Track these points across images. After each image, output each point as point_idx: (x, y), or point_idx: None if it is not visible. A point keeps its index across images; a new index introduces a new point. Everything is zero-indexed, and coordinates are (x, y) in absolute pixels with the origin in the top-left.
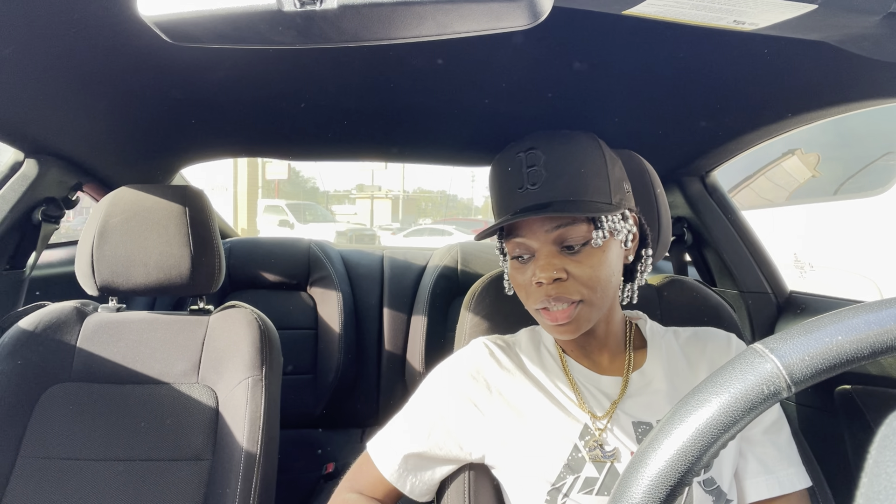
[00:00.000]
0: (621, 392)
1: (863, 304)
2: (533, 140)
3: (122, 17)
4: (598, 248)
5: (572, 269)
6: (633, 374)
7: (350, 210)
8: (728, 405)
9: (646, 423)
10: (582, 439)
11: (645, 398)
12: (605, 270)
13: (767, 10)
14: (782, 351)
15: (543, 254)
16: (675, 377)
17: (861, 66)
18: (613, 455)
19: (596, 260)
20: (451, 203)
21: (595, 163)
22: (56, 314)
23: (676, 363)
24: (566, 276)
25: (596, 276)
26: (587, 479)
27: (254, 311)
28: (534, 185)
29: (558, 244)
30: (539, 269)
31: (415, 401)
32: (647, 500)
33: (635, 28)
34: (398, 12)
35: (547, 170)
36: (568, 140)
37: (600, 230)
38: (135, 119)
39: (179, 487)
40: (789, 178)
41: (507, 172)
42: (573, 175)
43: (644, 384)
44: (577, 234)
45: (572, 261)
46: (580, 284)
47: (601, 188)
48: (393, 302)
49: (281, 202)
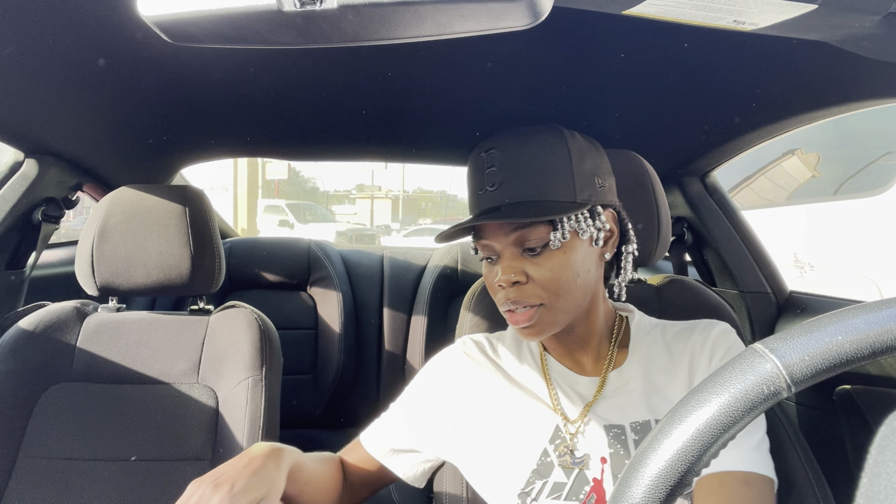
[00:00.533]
0: (596, 393)
1: (863, 304)
2: (494, 139)
3: (122, 17)
4: (559, 249)
5: (532, 271)
6: (612, 373)
7: (350, 210)
8: (728, 405)
9: (618, 426)
10: (552, 443)
11: (619, 399)
12: (567, 272)
13: (767, 10)
14: (782, 351)
15: (505, 256)
16: (654, 373)
17: (861, 66)
18: (582, 462)
19: (557, 262)
20: (451, 203)
21: (557, 159)
22: (56, 314)
23: (657, 359)
24: (526, 279)
25: (556, 278)
26: (556, 483)
27: (254, 311)
28: (492, 187)
29: (519, 246)
30: (500, 271)
31: (403, 394)
32: (647, 500)
33: (635, 28)
34: (398, 12)
35: (504, 171)
36: (528, 137)
37: (559, 231)
38: (135, 119)
39: (179, 487)
40: (789, 178)
41: (471, 173)
42: (530, 175)
43: (621, 384)
44: (536, 235)
45: (533, 263)
46: (540, 287)
47: (563, 186)
48: (393, 302)
49: (281, 202)
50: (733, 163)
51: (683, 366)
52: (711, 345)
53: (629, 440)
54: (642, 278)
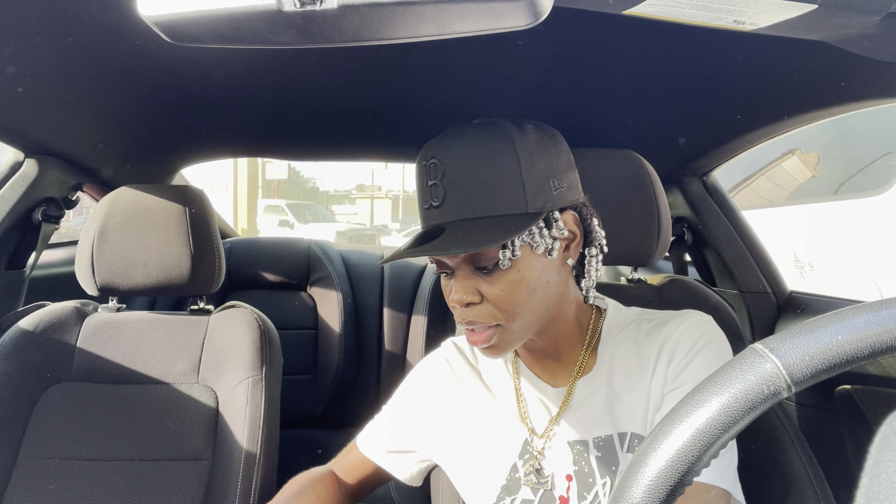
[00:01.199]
0: (562, 405)
1: (863, 304)
2: (435, 145)
3: (122, 16)
4: (511, 267)
5: (486, 290)
6: (579, 381)
7: (350, 210)
8: (728, 405)
9: (581, 441)
10: (521, 458)
11: (584, 412)
12: (522, 290)
13: (767, 10)
14: (782, 351)
15: (458, 274)
16: (617, 379)
17: (861, 66)
18: (548, 481)
19: (510, 280)
20: None
21: (504, 166)
22: (56, 314)
23: (623, 362)
24: (479, 298)
25: (509, 297)
26: (523, 500)
27: (254, 311)
28: (436, 204)
29: (471, 264)
30: (454, 290)
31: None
32: (647, 500)
33: (635, 28)
34: (398, 12)
35: (446, 185)
36: (470, 142)
37: (507, 251)
38: (135, 119)
39: (179, 487)
40: (789, 178)
41: (417, 185)
42: (475, 187)
43: (587, 394)
44: (486, 255)
45: (485, 281)
46: (494, 307)
47: (512, 196)
48: (393, 302)
49: (281, 202)
50: (733, 163)
51: (648, 368)
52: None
53: (591, 457)
54: (642, 278)
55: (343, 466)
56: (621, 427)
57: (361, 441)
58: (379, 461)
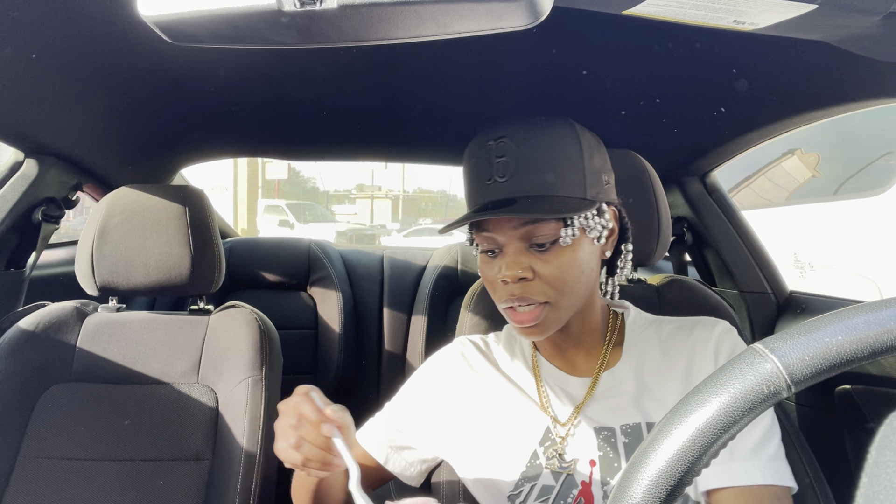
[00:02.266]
0: (587, 395)
1: (863, 304)
2: (504, 128)
3: (122, 16)
4: (568, 246)
5: (539, 267)
6: (604, 373)
7: (350, 210)
8: (728, 405)
9: (608, 428)
10: (542, 445)
11: (611, 401)
12: (573, 270)
13: (767, 10)
14: (782, 351)
15: (510, 250)
16: (647, 374)
17: (861, 66)
18: (570, 466)
19: (565, 259)
20: (451, 203)
21: (570, 154)
22: (56, 314)
23: (652, 359)
24: (532, 275)
25: (563, 276)
26: (544, 487)
27: (254, 311)
28: (502, 178)
29: (526, 241)
30: (505, 266)
31: (399, 393)
32: (647, 500)
33: (635, 28)
34: (398, 12)
35: (516, 161)
36: (541, 128)
37: (570, 228)
38: (135, 119)
39: (179, 487)
40: (789, 178)
41: (475, 162)
42: (544, 168)
43: (613, 385)
44: (545, 231)
45: (540, 259)
46: (546, 285)
47: (575, 182)
48: (393, 302)
49: (281, 202)
50: (733, 163)
51: (680, 366)
52: (716, 343)
53: (619, 443)
54: (642, 278)
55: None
56: (650, 417)
57: (363, 436)
58: (380, 457)
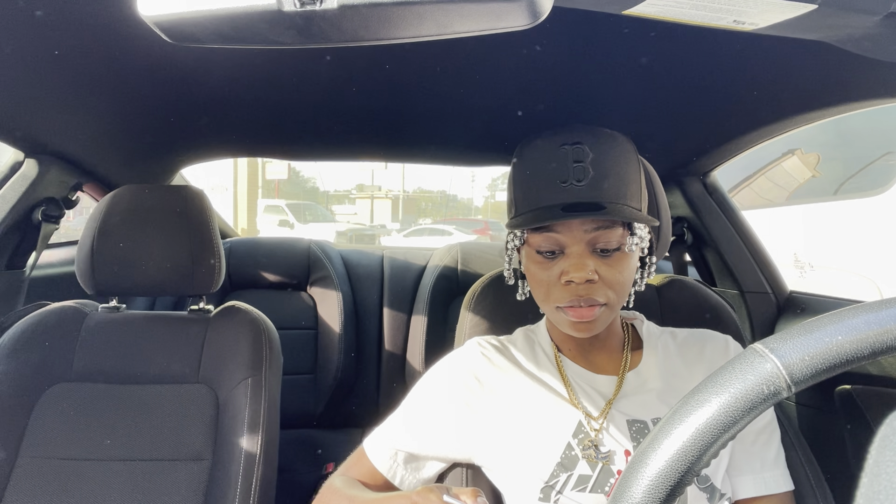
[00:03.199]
0: (616, 391)
1: (863, 304)
2: (579, 135)
3: (122, 16)
4: (628, 254)
5: (603, 271)
6: (629, 373)
7: (350, 210)
8: (728, 405)
9: (640, 421)
10: (575, 437)
11: (640, 397)
12: (629, 276)
13: (767, 10)
14: (782, 351)
15: (576, 253)
16: (671, 377)
17: (861, 66)
18: (607, 457)
19: (625, 265)
20: (451, 203)
21: (633, 168)
22: (56, 314)
23: (672, 363)
24: (597, 277)
25: (622, 281)
26: (581, 476)
27: (254, 311)
28: (579, 182)
29: (591, 245)
30: (572, 267)
31: (409, 399)
32: (647, 499)
33: (635, 28)
34: (398, 12)
35: (594, 168)
36: (613, 140)
37: (635, 236)
38: (135, 119)
39: (179, 487)
40: (789, 178)
41: (547, 163)
42: (618, 177)
43: (639, 384)
44: (612, 237)
45: (603, 263)
46: (607, 288)
47: (636, 194)
48: (393, 302)
49: (281, 202)
50: (733, 163)
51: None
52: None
53: None
54: None
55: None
56: None
57: (371, 449)
58: (388, 473)
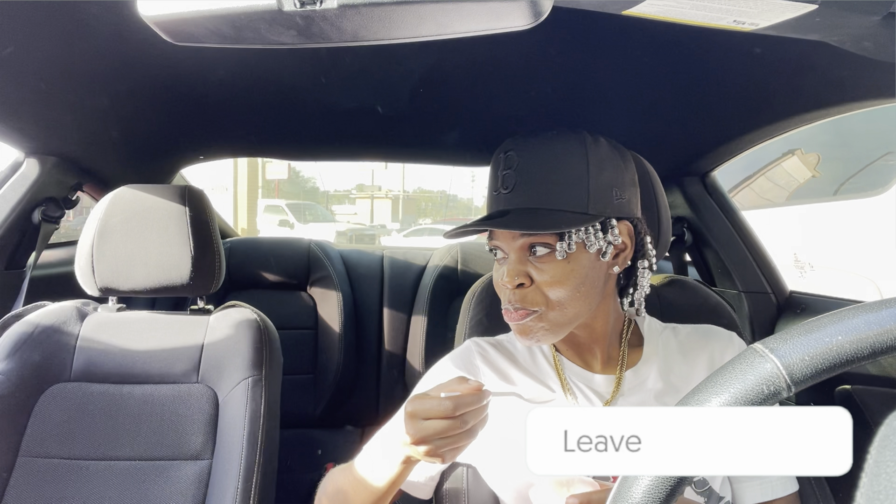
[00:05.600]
0: (614, 391)
1: (863, 304)
2: (515, 141)
3: (123, 17)
4: (563, 259)
5: (536, 276)
6: (627, 372)
7: (350, 210)
8: (728, 405)
9: None
10: None
11: (637, 397)
12: (570, 282)
13: (767, 10)
14: (782, 351)
15: (512, 259)
16: (671, 374)
17: (861, 66)
18: None
19: (559, 271)
20: (451, 203)
21: (573, 168)
22: (56, 314)
23: (673, 361)
24: (530, 282)
25: (556, 287)
26: None
27: (254, 311)
28: (506, 190)
29: (526, 250)
30: (506, 272)
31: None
32: (647, 500)
33: (635, 28)
34: (398, 12)
35: (518, 174)
36: (548, 143)
37: (564, 242)
38: (135, 119)
39: (179, 487)
40: (789, 178)
41: (490, 172)
42: (543, 182)
43: (638, 383)
44: (542, 242)
45: (536, 268)
46: (541, 294)
47: (575, 197)
48: (393, 302)
49: (281, 202)
50: (733, 163)
51: (701, 368)
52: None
53: None
54: None
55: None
56: None
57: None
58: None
